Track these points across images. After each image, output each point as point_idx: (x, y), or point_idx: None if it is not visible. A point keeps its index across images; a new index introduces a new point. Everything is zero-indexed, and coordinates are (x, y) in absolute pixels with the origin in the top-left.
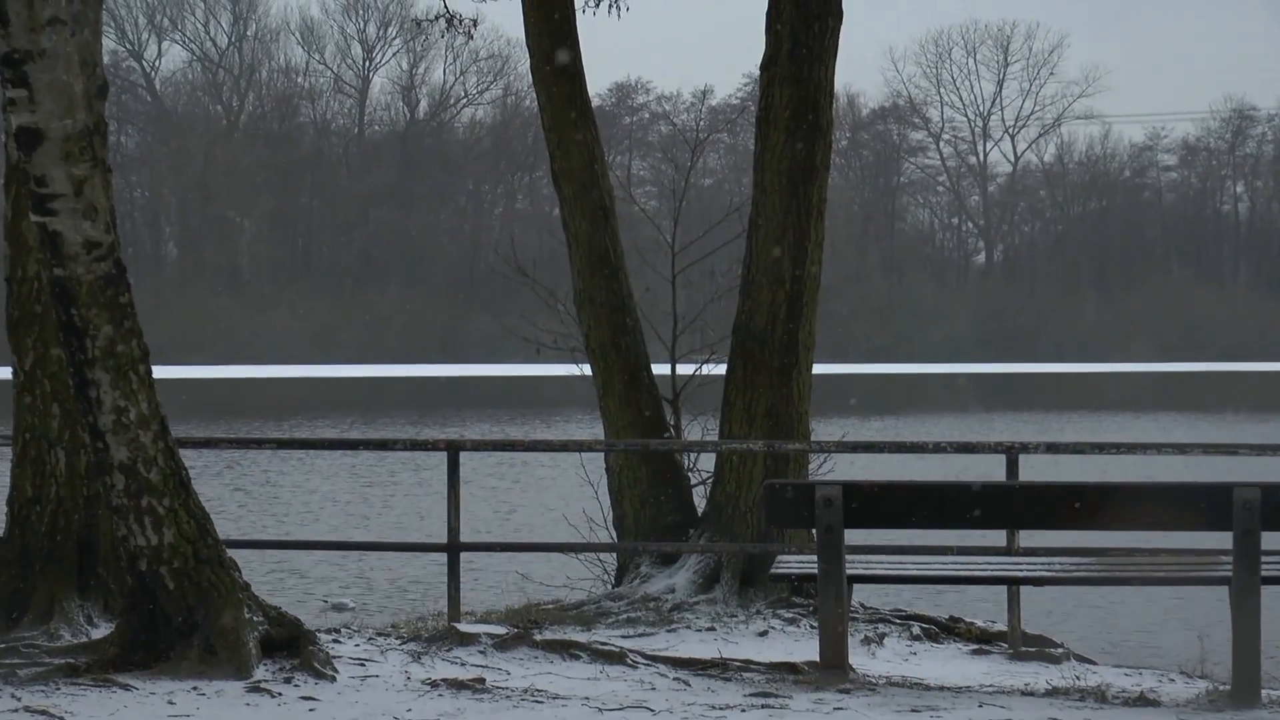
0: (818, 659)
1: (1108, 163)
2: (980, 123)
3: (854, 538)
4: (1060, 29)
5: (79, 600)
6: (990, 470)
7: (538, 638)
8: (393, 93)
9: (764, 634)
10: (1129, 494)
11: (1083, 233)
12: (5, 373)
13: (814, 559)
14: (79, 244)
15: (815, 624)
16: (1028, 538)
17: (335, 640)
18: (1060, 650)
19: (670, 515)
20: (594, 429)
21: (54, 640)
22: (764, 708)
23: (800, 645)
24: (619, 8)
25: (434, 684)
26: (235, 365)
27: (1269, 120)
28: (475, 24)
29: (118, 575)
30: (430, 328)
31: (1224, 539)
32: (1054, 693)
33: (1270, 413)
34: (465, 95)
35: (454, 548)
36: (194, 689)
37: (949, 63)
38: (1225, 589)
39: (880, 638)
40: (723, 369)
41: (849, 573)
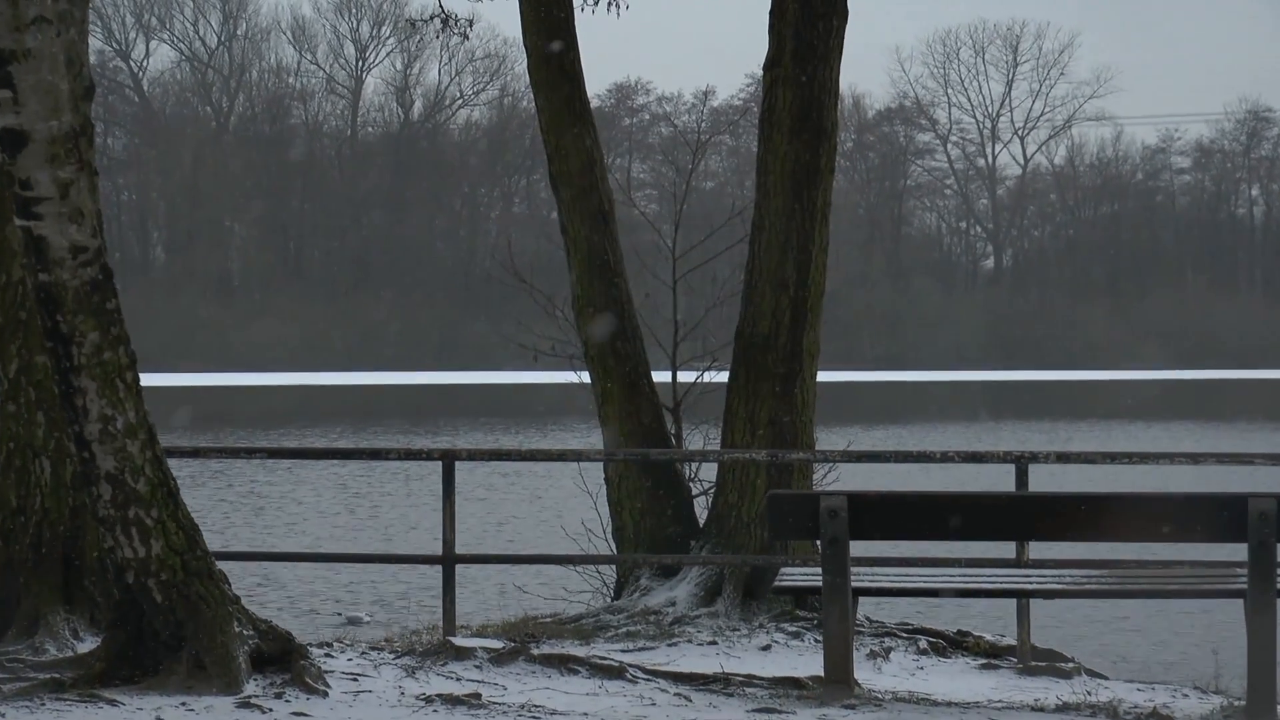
0: (822, 674)
1: (1120, 165)
2: (989, 124)
3: (859, 550)
4: (1071, 28)
5: (64, 613)
6: (999, 480)
7: (535, 652)
8: (386, 94)
9: (767, 648)
10: (1141, 505)
11: (1094, 237)
12: None
13: (818, 571)
14: (65, 249)
15: (819, 638)
16: (1037, 549)
17: (327, 655)
18: (1071, 665)
19: (671, 526)
20: (592, 438)
21: (39, 654)
22: None
23: (804, 660)
24: (618, 6)
25: (429, 699)
26: (225, 373)
27: None
28: (471, 23)
29: (104, 588)
30: (425, 334)
31: (1239, 551)
32: (1065, 708)
33: None
34: (461, 96)
35: (449, 559)
36: (182, 704)
37: (957, 63)
38: (1240, 602)
39: (886, 652)
40: (724, 377)
41: (854, 585)
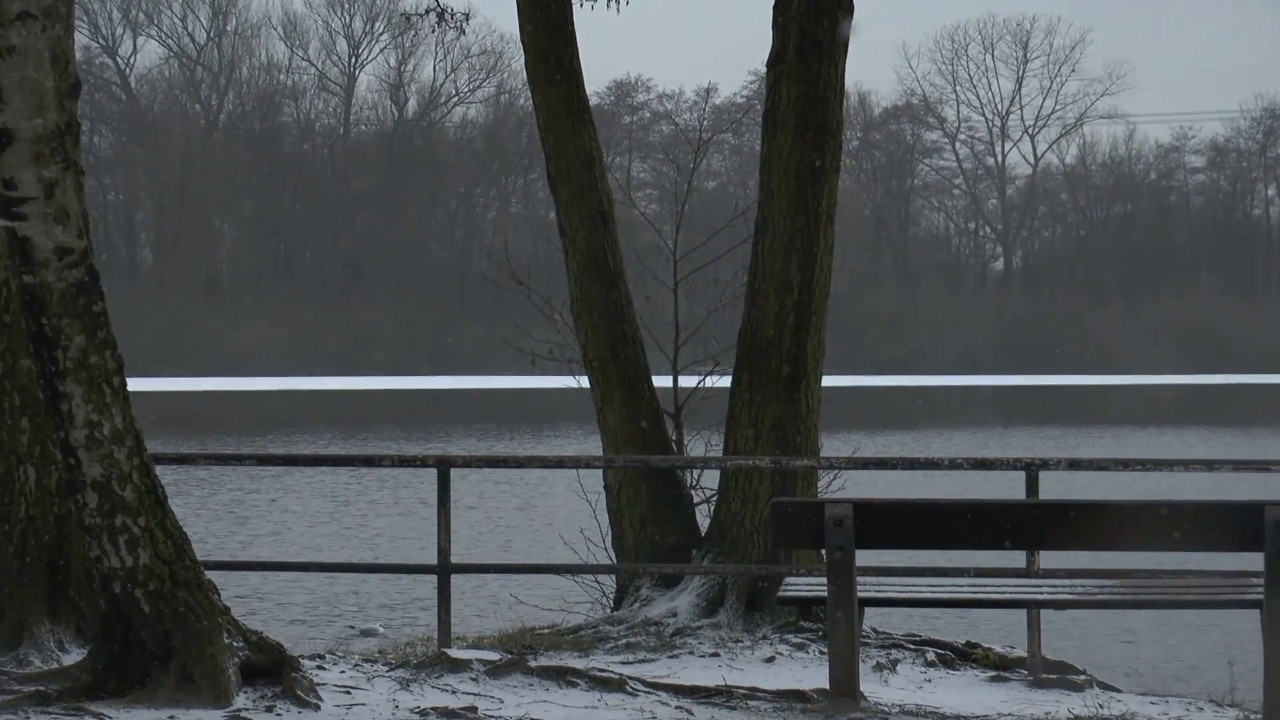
0: (827, 686)
1: (1132, 164)
2: (998, 122)
3: (865, 559)
4: (1082, 24)
5: (50, 624)
6: (1009, 488)
7: (532, 664)
8: (380, 91)
9: (771, 660)
10: (1154, 513)
11: (1106, 238)
12: None
13: (823, 581)
14: (50, 250)
15: (825, 650)
16: (1048, 559)
17: (319, 667)
18: (1083, 677)
19: (672, 535)
20: (590, 444)
21: (23, 667)
22: None
23: (809, 672)
24: (618, 1)
25: (423, 713)
26: (214, 377)
27: None
28: (467, 18)
29: (90, 598)
30: (419, 338)
31: (1255, 560)
32: None
33: None
34: (456, 93)
35: (444, 569)
36: (171, 718)
37: (965, 59)
38: (1256, 613)
39: (893, 664)
40: (727, 381)
41: (860, 595)
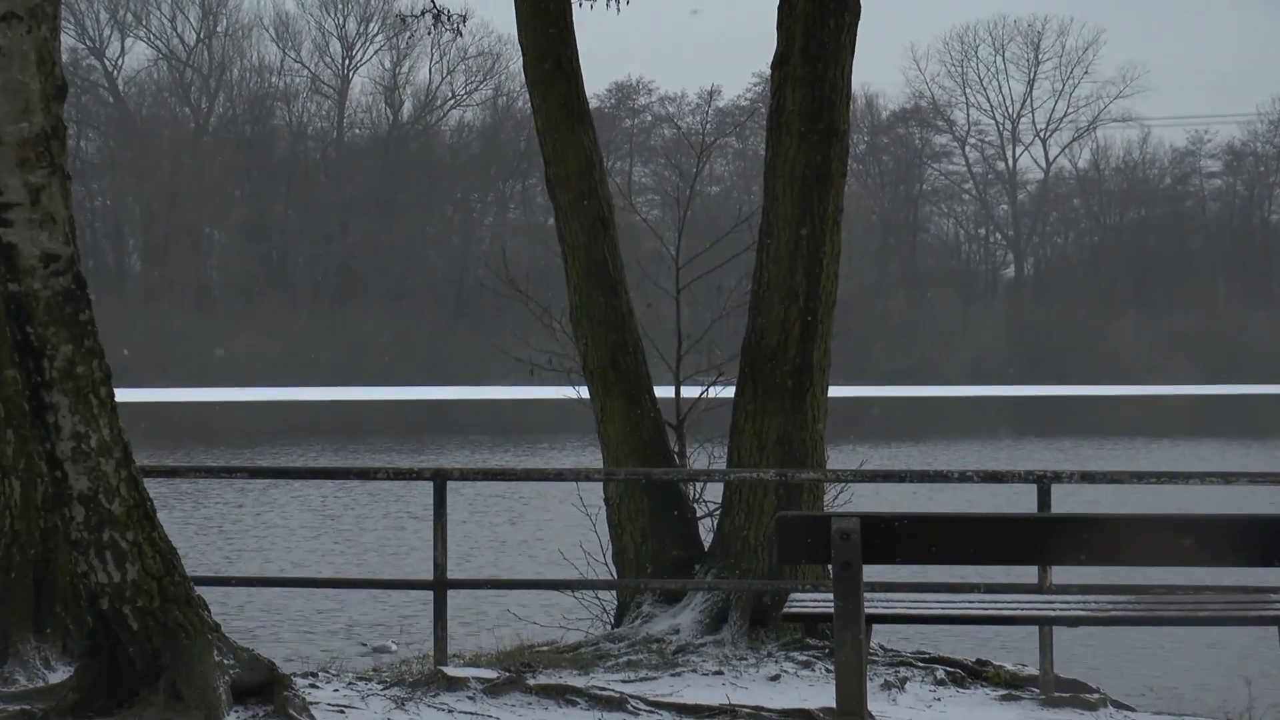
0: (834, 705)
1: (1147, 169)
2: (1009, 126)
3: (873, 574)
4: (1095, 24)
5: (35, 641)
6: (1020, 501)
7: (531, 682)
8: (374, 93)
9: (776, 678)
10: (1169, 527)
11: (1120, 244)
12: None
13: (829, 597)
14: (35, 257)
15: (831, 667)
16: (1060, 574)
17: (312, 685)
18: (1096, 695)
19: (674, 550)
20: (590, 456)
21: (8, 685)
22: None
23: (815, 690)
24: (618, 2)
25: None
26: (204, 387)
27: None
28: (464, 19)
29: (77, 615)
30: (414, 347)
31: (1274, 575)
32: None
33: None
34: (453, 96)
35: (440, 585)
36: None
37: (975, 61)
38: (1274, 630)
39: (902, 682)
40: (730, 392)
41: (868, 612)
